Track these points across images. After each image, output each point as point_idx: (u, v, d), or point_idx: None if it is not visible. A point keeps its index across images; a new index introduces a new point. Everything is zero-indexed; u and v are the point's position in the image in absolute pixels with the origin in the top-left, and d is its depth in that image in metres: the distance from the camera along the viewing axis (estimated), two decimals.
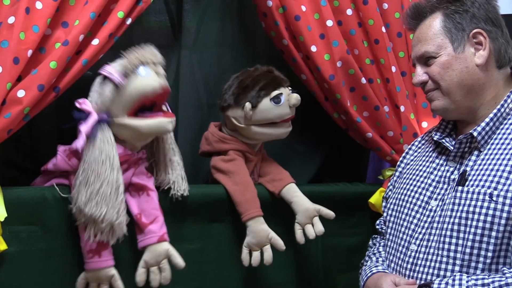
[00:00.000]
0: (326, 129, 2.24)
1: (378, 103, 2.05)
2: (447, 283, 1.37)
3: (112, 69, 1.67)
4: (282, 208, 1.92)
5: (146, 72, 1.67)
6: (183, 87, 2.14)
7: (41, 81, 1.61)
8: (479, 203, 1.39)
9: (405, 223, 1.55)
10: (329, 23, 1.99)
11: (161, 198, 1.80)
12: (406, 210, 1.56)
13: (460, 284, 1.35)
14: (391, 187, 1.73)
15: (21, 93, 1.59)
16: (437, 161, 1.56)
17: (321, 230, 1.88)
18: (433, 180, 1.53)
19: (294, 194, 1.92)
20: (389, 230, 1.61)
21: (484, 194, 1.39)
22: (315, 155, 2.28)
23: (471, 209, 1.40)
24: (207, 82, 2.17)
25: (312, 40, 1.97)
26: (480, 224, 1.37)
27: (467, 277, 1.36)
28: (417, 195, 1.55)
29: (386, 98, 2.08)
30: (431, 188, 1.53)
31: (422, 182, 1.56)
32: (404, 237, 1.53)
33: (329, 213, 1.90)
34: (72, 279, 1.70)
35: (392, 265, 1.55)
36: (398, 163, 1.74)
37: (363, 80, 2.03)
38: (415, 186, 1.57)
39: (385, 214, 1.67)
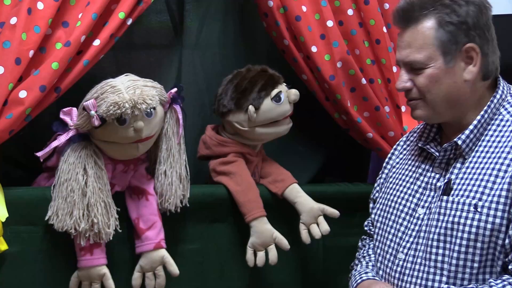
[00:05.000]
0: (327, 129, 2.24)
1: (379, 104, 2.05)
2: None
3: (97, 109, 1.60)
4: (283, 208, 1.92)
5: (124, 123, 1.62)
6: (185, 87, 2.14)
7: (43, 81, 1.62)
8: (464, 214, 1.37)
9: (392, 230, 1.53)
10: (330, 23, 1.99)
11: None
12: (393, 217, 1.54)
13: None
14: (378, 188, 1.71)
15: (23, 94, 1.60)
16: (422, 166, 1.54)
17: (327, 229, 1.89)
18: (419, 187, 1.51)
19: (297, 194, 1.92)
20: (376, 237, 1.60)
21: (469, 205, 1.37)
22: (315, 155, 2.28)
23: (456, 219, 1.38)
24: (209, 81, 2.16)
25: (312, 40, 1.97)
26: (465, 235, 1.36)
27: None
28: (403, 202, 1.53)
29: (387, 98, 2.08)
30: (417, 195, 1.51)
31: (408, 188, 1.54)
32: (392, 244, 1.52)
33: (334, 212, 1.90)
34: None
35: (381, 272, 1.54)
36: (384, 164, 1.72)
37: (364, 81, 2.03)
38: (401, 192, 1.55)
39: (373, 215, 1.67)
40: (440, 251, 1.40)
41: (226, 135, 1.96)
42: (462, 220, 1.37)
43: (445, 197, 1.42)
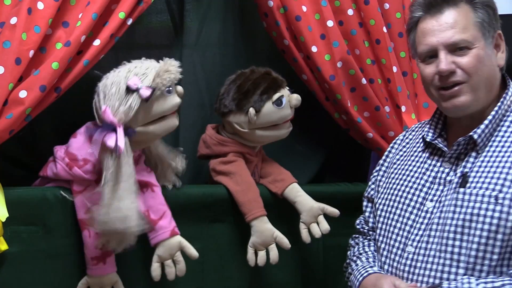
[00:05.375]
0: (327, 129, 2.24)
1: (379, 103, 2.05)
2: (456, 287, 1.36)
3: (143, 84, 1.63)
4: (283, 208, 1.92)
5: (171, 92, 1.69)
6: (185, 86, 2.11)
7: (43, 81, 1.62)
8: (484, 206, 1.37)
9: (398, 224, 1.53)
10: (330, 23, 1.99)
11: None
12: (398, 211, 1.55)
13: None
14: (373, 186, 1.71)
15: (23, 94, 1.60)
16: (429, 161, 1.54)
17: (327, 229, 1.89)
18: (426, 181, 1.52)
19: (297, 194, 1.92)
20: (380, 232, 1.59)
21: (489, 196, 1.37)
22: (315, 155, 2.28)
23: (475, 211, 1.38)
24: (209, 81, 2.16)
25: (312, 40, 1.97)
26: (486, 227, 1.36)
27: (476, 280, 1.35)
28: (410, 196, 1.53)
29: (387, 98, 2.08)
30: (425, 189, 1.51)
31: (414, 182, 1.54)
32: (399, 238, 1.52)
33: (334, 211, 1.91)
34: (73, 280, 1.71)
35: (386, 266, 1.54)
36: (380, 161, 1.73)
37: (364, 81, 2.03)
38: (406, 186, 1.56)
39: (367, 214, 1.67)
40: (457, 243, 1.40)
41: (226, 135, 1.96)
42: (482, 212, 1.37)
43: (461, 189, 1.42)
